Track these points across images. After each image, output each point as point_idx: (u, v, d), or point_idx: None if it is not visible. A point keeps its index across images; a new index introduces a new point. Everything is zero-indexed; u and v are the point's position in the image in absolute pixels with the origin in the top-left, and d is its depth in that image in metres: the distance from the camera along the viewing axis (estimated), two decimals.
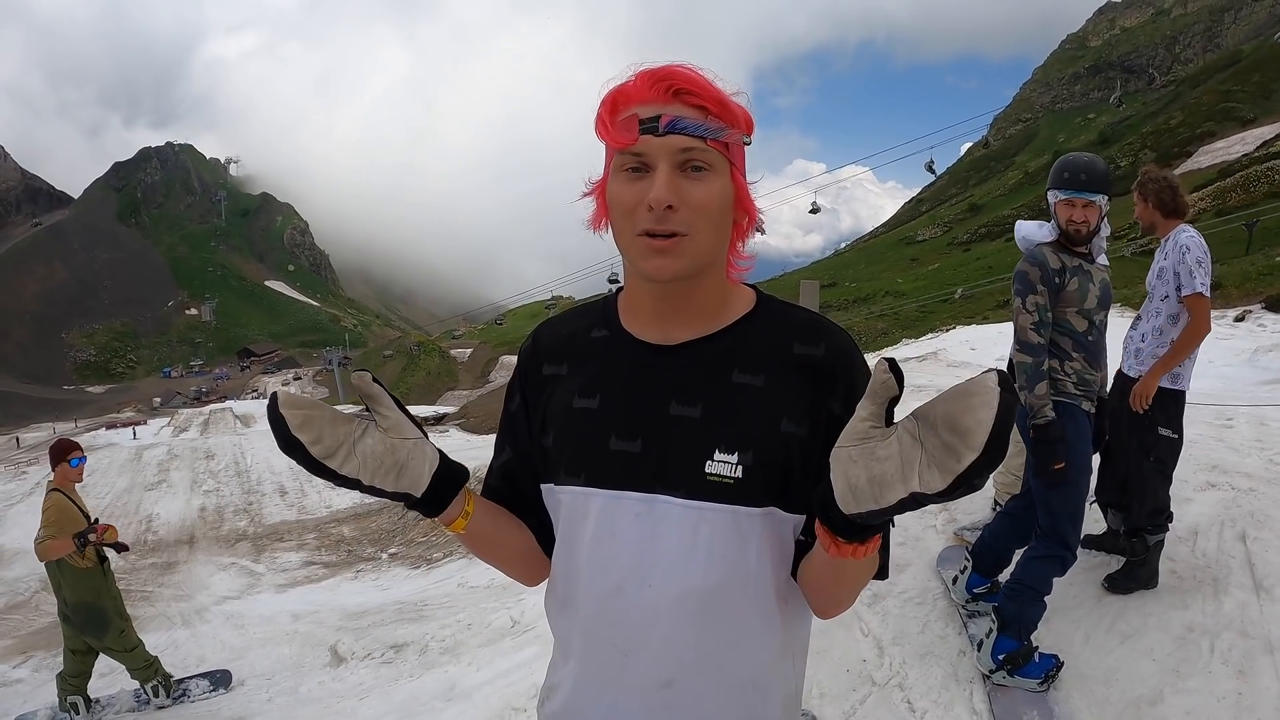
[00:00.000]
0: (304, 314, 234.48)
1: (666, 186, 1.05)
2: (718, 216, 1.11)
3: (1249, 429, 5.87)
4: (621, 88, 1.09)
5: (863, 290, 63.27)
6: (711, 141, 1.07)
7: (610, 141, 1.10)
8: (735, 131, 1.10)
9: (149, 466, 31.29)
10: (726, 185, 1.11)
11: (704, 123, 1.06)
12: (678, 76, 1.06)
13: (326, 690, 6.11)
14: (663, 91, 1.06)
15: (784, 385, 1.16)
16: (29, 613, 14.68)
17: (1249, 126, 69.24)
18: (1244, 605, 3.47)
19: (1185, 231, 3.69)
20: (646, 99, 1.07)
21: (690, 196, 1.07)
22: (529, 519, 1.35)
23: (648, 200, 1.06)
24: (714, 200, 1.09)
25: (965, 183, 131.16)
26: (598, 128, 1.11)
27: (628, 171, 1.09)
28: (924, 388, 9.86)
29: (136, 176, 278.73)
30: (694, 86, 1.06)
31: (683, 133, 1.05)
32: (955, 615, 3.85)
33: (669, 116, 1.05)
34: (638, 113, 1.07)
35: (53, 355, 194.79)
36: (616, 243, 1.15)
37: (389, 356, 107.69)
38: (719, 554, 1.14)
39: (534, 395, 1.31)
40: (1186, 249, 3.59)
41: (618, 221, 1.12)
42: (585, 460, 1.20)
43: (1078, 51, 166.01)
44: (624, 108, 1.09)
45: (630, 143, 1.07)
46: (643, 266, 1.11)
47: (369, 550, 15.99)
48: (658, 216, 1.06)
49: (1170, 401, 3.69)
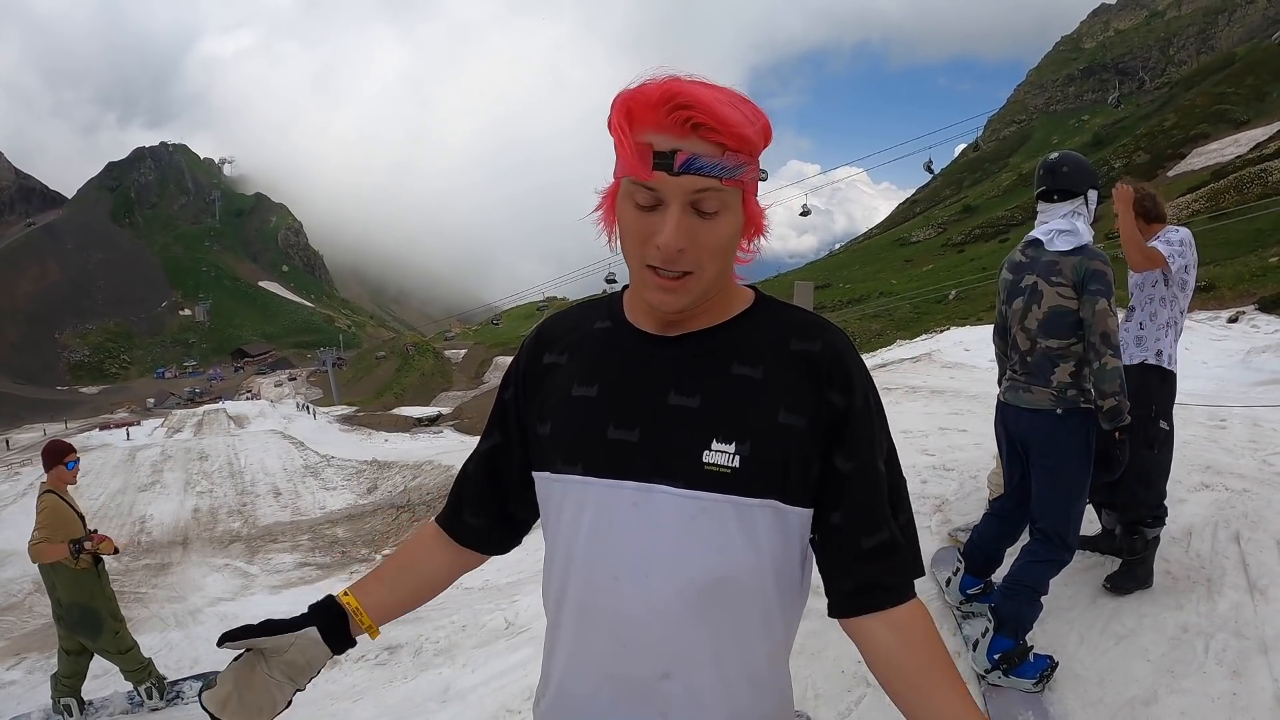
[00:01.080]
0: (298, 315, 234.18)
1: (676, 230, 1.04)
2: (726, 249, 1.11)
3: (1243, 430, 5.89)
4: (638, 100, 1.04)
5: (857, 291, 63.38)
6: (727, 181, 1.04)
7: (624, 165, 1.07)
8: (752, 169, 1.08)
9: (142, 467, 31.24)
10: (738, 218, 1.10)
11: (720, 161, 1.03)
12: (698, 106, 1.00)
13: (320, 692, 6.09)
14: (680, 123, 1.01)
15: (782, 378, 1.16)
16: (22, 614, 14.63)
17: (1242, 128, 69.41)
18: (1238, 606, 3.48)
19: (1177, 230, 3.87)
20: (663, 127, 1.02)
21: (700, 237, 1.06)
22: (490, 510, 1.40)
23: (657, 242, 1.05)
24: (724, 239, 1.09)
25: (959, 184, 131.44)
26: (613, 133, 1.08)
27: (639, 200, 1.07)
28: (918, 389, 9.89)
29: (130, 176, 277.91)
30: (714, 121, 1.01)
31: (698, 173, 1.02)
32: (950, 616, 3.85)
33: (685, 154, 1.02)
34: (653, 143, 1.03)
35: (46, 355, 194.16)
36: (625, 260, 1.15)
37: (381, 358, 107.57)
38: (718, 545, 1.13)
39: (533, 383, 1.31)
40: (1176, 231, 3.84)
41: (626, 244, 1.12)
42: (583, 449, 1.20)
43: (1071, 53, 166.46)
44: (639, 128, 1.04)
45: (645, 178, 1.04)
46: (648, 297, 1.12)
47: (363, 551, 15.96)
48: (666, 258, 1.06)
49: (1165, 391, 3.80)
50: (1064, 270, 3.16)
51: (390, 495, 21.78)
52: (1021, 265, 3.36)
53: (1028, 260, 3.34)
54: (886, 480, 1.21)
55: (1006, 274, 3.45)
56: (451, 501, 1.46)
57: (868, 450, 1.18)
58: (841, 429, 1.16)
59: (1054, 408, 3.20)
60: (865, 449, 1.18)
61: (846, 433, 1.16)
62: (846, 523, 1.18)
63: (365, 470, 26.96)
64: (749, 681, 1.18)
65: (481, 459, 1.40)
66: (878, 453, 1.20)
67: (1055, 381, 3.20)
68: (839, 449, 1.16)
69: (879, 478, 1.19)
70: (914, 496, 5.15)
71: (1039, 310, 3.23)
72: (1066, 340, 3.18)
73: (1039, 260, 3.27)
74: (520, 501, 1.37)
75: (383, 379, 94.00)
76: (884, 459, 1.21)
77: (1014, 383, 3.38)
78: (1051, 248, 3.23)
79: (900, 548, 1.19)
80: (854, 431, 1.17)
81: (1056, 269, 3.18)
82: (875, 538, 1.18)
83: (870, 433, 1.18)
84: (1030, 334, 3.27)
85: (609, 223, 1.16)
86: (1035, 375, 3.27)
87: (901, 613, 1.17)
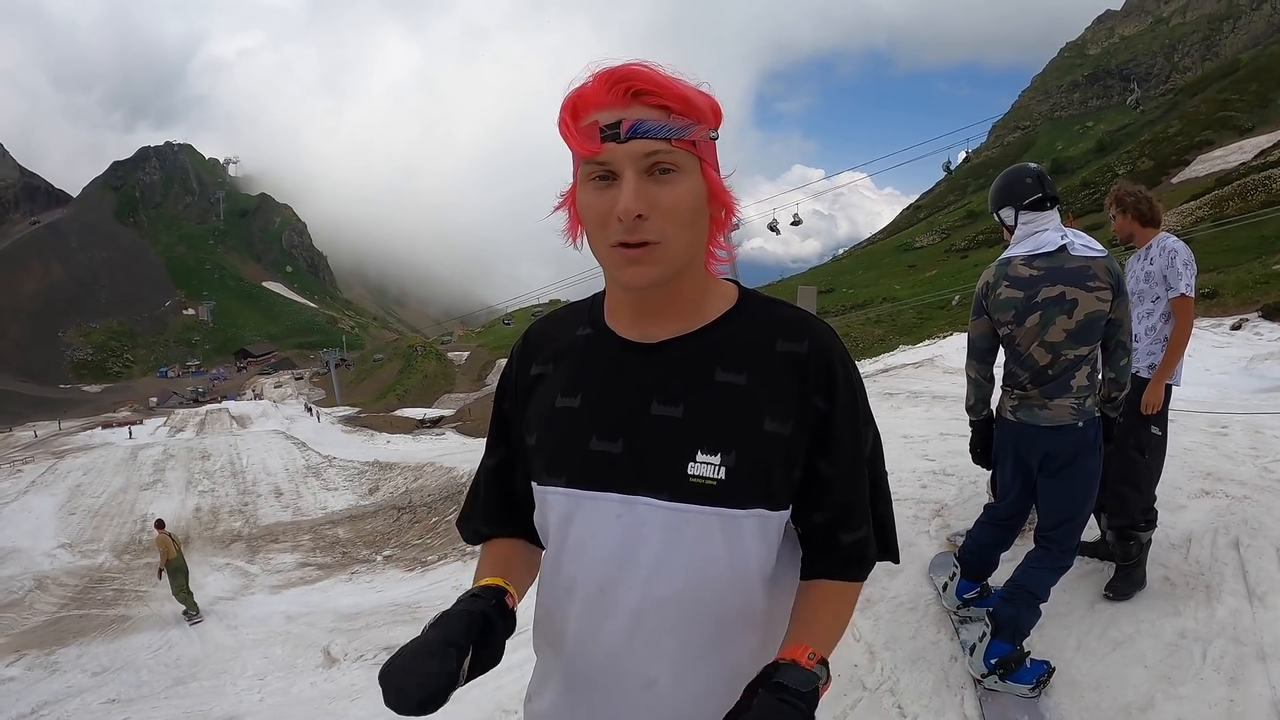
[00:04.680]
0: (301, 315, 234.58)
1: (634, 195, 1.03)
2: (690, 217, 1.09)
3: (1244, 436, 5.88)
4: (580, 92, 1.06)
5: (860, 296, 63.24)
6: (677, 141, 1.05)
7: (574, 149, 1.08)
8: (701, 127, 1.07)
9: (144, 466, 31.32)
10: (698, 183, 1.09)
11: (666, 123, 1.04)
12: (636, 76, 1.03)
13: (318, 691, 6.11)
14: (622, 94, 1.03)
15: (767, 383, 1.15)
16: (22, 611, 14.70)
17: (1246, 135, 69.23)
18: (1237, 612, 3.47)
19: (1169, 238, 3.89)
20: (606, 103, 1.04)
21: (659, 201, 1.05)
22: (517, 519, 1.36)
23: (616, 212, 1.04)
24: (684, 202, 1.07)
25: (963, 190, 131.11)
26: (561, 132, 1.09)
27: (595, 181, 1.07)
28: (920, 394, 9.87)
29: (135, 176, 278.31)
30: (653, 86, 1.04)
31: (645, 136, 1.03)
32: (947, 621, 3.85)
33: (630, 121, 1.03)
34: (598, 119, 1.04)
35: (49, 354, 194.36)
36: (593, 252, 1.13)
37: (379, 360, 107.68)
38: (702, 557, 1.13)
39: (522, 394, 1.31)
40: (1175, 252, 3.80)
41: (591, 233, 1.11)
42: (566, 461, 1.20)
43: (1076, 60, 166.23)
44: (584, 113, 1.06)
45: (594, 152, 1.04)
46: (619, 276, 1.10)
47: (364, 552, 16.00)
48: (628, 227, 1.04)
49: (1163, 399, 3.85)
50: (1099, 274, 3.07)
51: (392, 496, 21.83)
52: (1035, 279, 3.15)
53: (1042, 272, 3.15)
54: (868, 476, 1.22)
55: (1013, 292, 3.20)
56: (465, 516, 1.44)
57: (851, 452, 1.19)
58: (824, 433, 1.16)
59: (1075, 420, 3.13)
60: (848, 452, 1.18)
61: (829, 437, 1.17)
62: (827, 521, 1.21)
63: (367, 471, 27.02)
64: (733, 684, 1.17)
65: (491, 475, 1.38)
66: (861, 452, 1.20)
67: (1074, 387, 3.13)
68: (822, 453, 1.17)
69: (861, 477, 1.21)
70: (914, 501, 5.14)
71: (1070, 319, 3.08)
72: (1092, 345, 3.12)
73: (1061, 268, 3.11)
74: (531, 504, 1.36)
75: (385, 380, 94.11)
76: (867, 456, 1.22)
77: (1025, 401, 3.24)
78: (1076, 252, 3.12)
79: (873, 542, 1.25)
80: (837, 435, 1.17)
81: (1091, 273, 3.07)
82: (854, 534, 1.21)
83: (853, 434, 1.19)
84: (1054, 346, 3.12)
85: (573, 223, 1.16)
86: (1055, 388, 3.15)
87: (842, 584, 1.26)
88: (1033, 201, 3.24)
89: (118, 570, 17.75)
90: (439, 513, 16.94)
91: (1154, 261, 3.87)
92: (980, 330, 3.38)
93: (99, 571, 17.88)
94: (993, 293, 3.27)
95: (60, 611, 14.50)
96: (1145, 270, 3.92)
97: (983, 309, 3.33)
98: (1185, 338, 3.80)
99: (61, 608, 14.82)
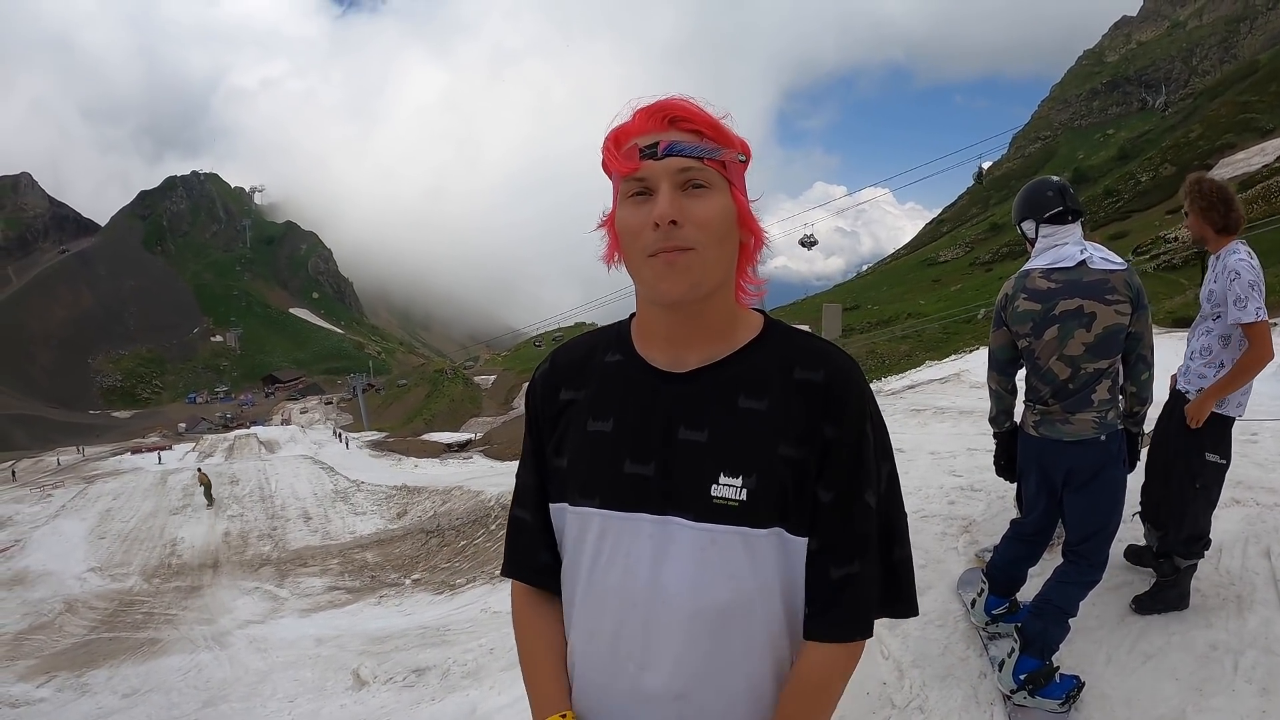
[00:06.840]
0: (328, 341, 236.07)
1: (669, 203, 1.12)
2: (721, 231, 1.17)
3: (1274, 444, 5.81)
4: (623, 125, 1.18)
5: (885, 313, 62.99)
6: (708, 161, 1.15)
7: (615, 169, 1.17)
8: (730, 151, 1.18)
9: (174, 491, 31.69)
10: (728, 202, 1.17)
11: (699, 144, 1.15)
12: (672, 107, 1.15)
13: (348, 713, 6.13)
14: (660, 121, 1.15)
15: (784, 409, 1.20)
16: (53, 634, 14.85)
17: (1268, 137, 68.59)
18: (1268, 622, 3.43)
19: (1235, 253, 3.43)
20: (645, 130, 1.15)
21: (693, 213, 1.14)
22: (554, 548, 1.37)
23: (653, 218, 1.12)
24: (716, 215, 1.15)
25: (986, 202, 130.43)
26: (604, 159, 1.20)
27: (633, 198, 1.16)
28: (946, 409, 9.82)
29: (162, 204, 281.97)
30: (687, 114, 1.15)
31: (680, 155, 1.13)
32: (976, 637, 3.82)
33: (666, 141, 1.14)
34: (638, 142, 1.15)
35: (79, 380, 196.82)
36: (629, 270, 1.20)
37: (403, 385, 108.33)
38: (729, 573, 1.19)
39: (552, 418, 1.35)
40: (1236, 274, 3.36)
41: (627, 247, 1.18)
42: (600, 483, 1.26)
43: (1095, 67, 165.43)
44: (625, 141, 1.17)
45: (633, 169, 1.14)
46: (654, 288, 1.17)
47: (392, 576, 16.06)
48: (664, 234, 1.12)
49: (1219, 426, 3.56)
50: (1118, 287, 3.05)
51: (420, 520, 21.90)
52: (1053, 292, 3.14)
53: (1060, 285, 3.14)
54: (876, 515, 1.23)
55: (1030, 304, 3.20)
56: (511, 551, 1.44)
57: (849, 483, 1.21)
58: (825, 460, 1.20)
59: (1098, 434, 3.12)
60: (846, 482, 1.21)
61: (829, 465, 1.20)
62: (818, 550, 1.23)
63: (395, 495, 27.14)
64: (755, 696, 1.24)
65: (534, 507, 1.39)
66: (865, 486, 1.22)
67: (1096, 401, 3.12)
68: (821, 479, 1.21)
69: (860, 510, 1.22)
70: (941, 518, 5.11)
71: (1088, 333, 3.07)
72: (1112, 358, 3.11)
73: (1079, 282, 3.10)
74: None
75: (412, 405, 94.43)
76: (877, 492, 1.24)
77: (1047, 416, 3.23)
78: (1095, 266, 3.10)
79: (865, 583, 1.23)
80: (836, 464, 1.20)
81: (1109, 287, 3.06)
82: (842, 569, 1.22)
83: (856, 466, 1.21)
84: (1074, 360, 3.11)
85: (611, 244, 1.24)
86: (1076, 402, 3.13)
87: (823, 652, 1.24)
88: (1054, 214, 3.24)
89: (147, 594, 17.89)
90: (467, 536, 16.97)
91: (1216, 279, 3.49)
92: (1000, 342, 3.40)
93: (129, 595, 18.00)
94: (1011, 304, 3.28)
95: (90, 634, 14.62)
96: (1208, 288, 3.57)
97: (1002, 321, 3.35)
98: (1258, 363, 3.40)
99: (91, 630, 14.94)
